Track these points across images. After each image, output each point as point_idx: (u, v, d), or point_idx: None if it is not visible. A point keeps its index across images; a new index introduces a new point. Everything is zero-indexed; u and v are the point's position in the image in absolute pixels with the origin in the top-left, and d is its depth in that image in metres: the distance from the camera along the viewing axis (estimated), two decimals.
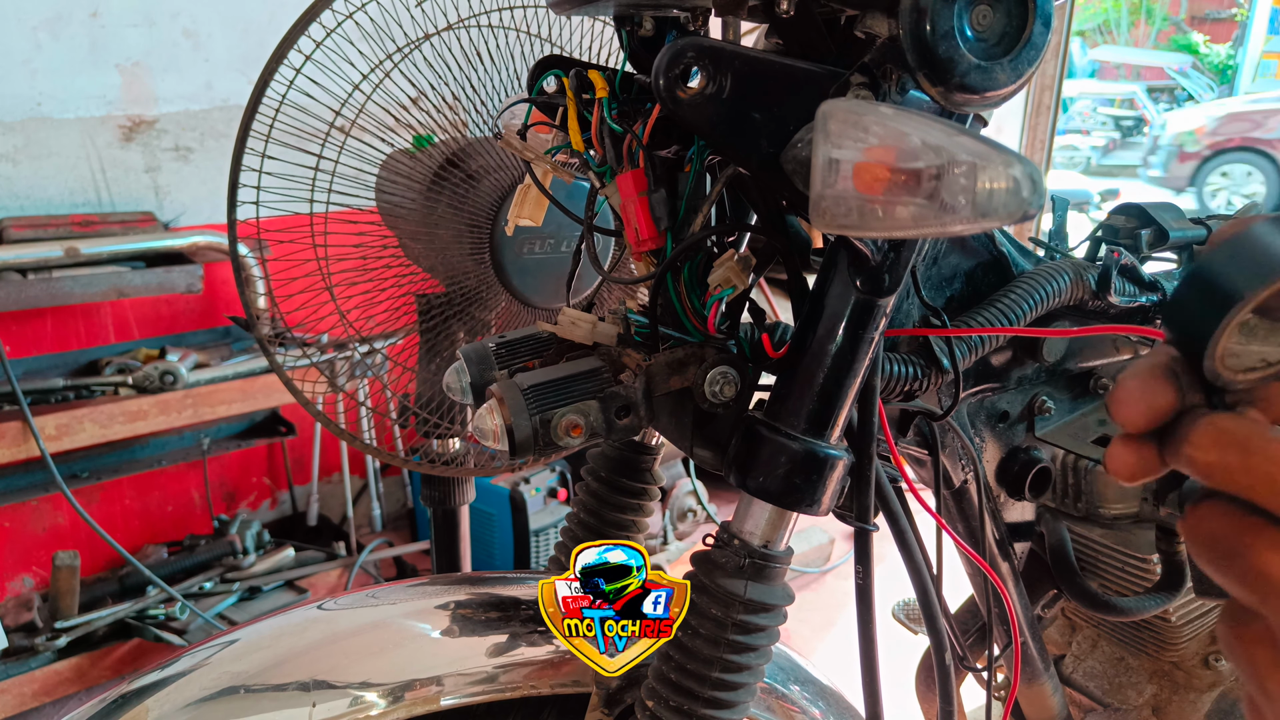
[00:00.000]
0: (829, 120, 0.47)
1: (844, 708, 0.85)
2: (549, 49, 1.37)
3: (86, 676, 2.08)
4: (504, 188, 1.31)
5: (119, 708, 0.68)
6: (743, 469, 0.62)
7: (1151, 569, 0.93)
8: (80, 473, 2.24)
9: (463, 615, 0.75)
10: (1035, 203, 0.41)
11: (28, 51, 2.14)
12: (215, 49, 2.38)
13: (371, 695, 0.67)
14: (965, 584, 0.96)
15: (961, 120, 0.55)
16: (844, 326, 0.59)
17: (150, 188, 2.37)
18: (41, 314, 2.22)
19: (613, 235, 0.74)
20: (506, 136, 0.72)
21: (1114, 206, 1.00)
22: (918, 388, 0.73)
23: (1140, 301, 0.85)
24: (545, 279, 1.35)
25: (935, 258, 0.78)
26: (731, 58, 0.54)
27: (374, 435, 2.60)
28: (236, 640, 0.74)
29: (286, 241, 1.31)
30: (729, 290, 0.63)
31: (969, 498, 0.85)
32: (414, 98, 1.31)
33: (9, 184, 2.17)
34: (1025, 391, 0.88)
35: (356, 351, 1.47)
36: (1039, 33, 0.51)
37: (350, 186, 1.32)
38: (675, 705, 0.64)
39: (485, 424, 0.62)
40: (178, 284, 2.19)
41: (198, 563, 2.34)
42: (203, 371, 2.23)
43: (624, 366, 0.66)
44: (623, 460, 0.80)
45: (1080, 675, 1.11)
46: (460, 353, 0.72)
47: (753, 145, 0.55)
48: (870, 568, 0.66)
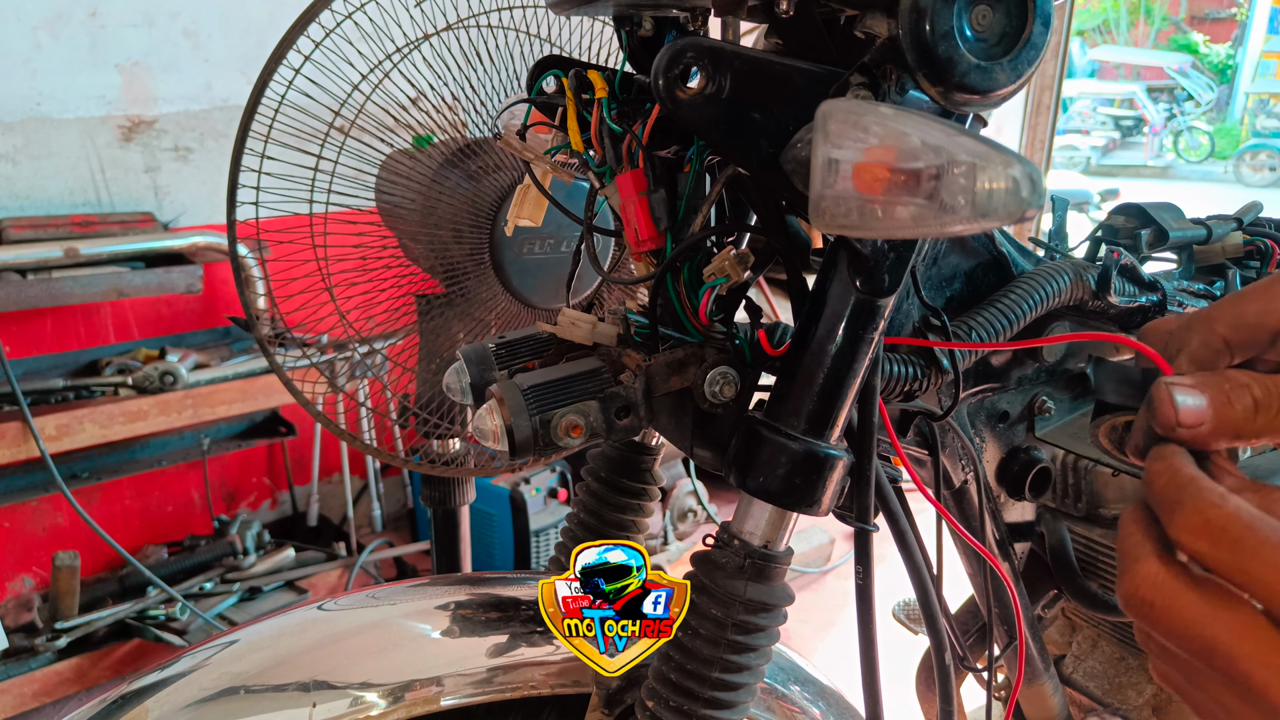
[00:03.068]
0: (829, 120, 0.47)
1: (844, 708, 0.85)
2: (548, 49, 1.37)
3: (86, 677, 2.08)
4: (504, 188, 1.31)
5: (119, 708, 0.68)
6: (743, 469, 0.62)
7: None
8: (80, 473, 2.24)
9: (463, 616, 0.75)
10: (1035, 203, 0.41)
11: (28, 51, 2.14)
12: (215, 49, 2.38)
13: (371, 695, 0.67)
14: (965, 584, 0.96)
15: (961, 120, 0.55)
16: (844, 326, 0.59)
17: (150, 188, 2.37)
18: (41, 314, 2.22)
19: (613, 235, 0.74)
20: (506, 137, 0.72)
21: (1114, 206, 1.00)
22: (918, 388, 0.73)
23: (1140, 302, 0.85)
24: (545, 279, 1.35)
25: (935, 258, 0.78)
26: (731, 58, 0.54)
27: (374, 435, 2.60)
28: (236, 641, 0.74)
29: (286, 242, 1.31)
30: (722, 279, 0.63)
31: (969, 498, 0.85)
32: (413, 98, 1.31)
33: (9, 184, 2.17)
34: (1025, 391, 0.88)
35: (356, 352, 1.47)
36: (1039, 33, 0.51)
37: (350, 187, 1.32)
38: (675, 705, 0.64)
39: (485, 424, 0.62)
40: (177, 284, 2.20)
41: (198, 563, 2.34)
42: (203, 372, 2.23)
43: (624, 367, 0.66)
44: (623, 460, 0.80)
45: (1080, 675, 1.11)
46: (460, 353, 0.72)
47: (753, 145, 0.55)
48: (870, 568, 0.66)
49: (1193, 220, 1.01)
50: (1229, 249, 1.00)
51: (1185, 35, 16.28)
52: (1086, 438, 0.89)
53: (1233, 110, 14.70)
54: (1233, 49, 15.39)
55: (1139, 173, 12.39)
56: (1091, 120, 13.47)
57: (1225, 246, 1.00)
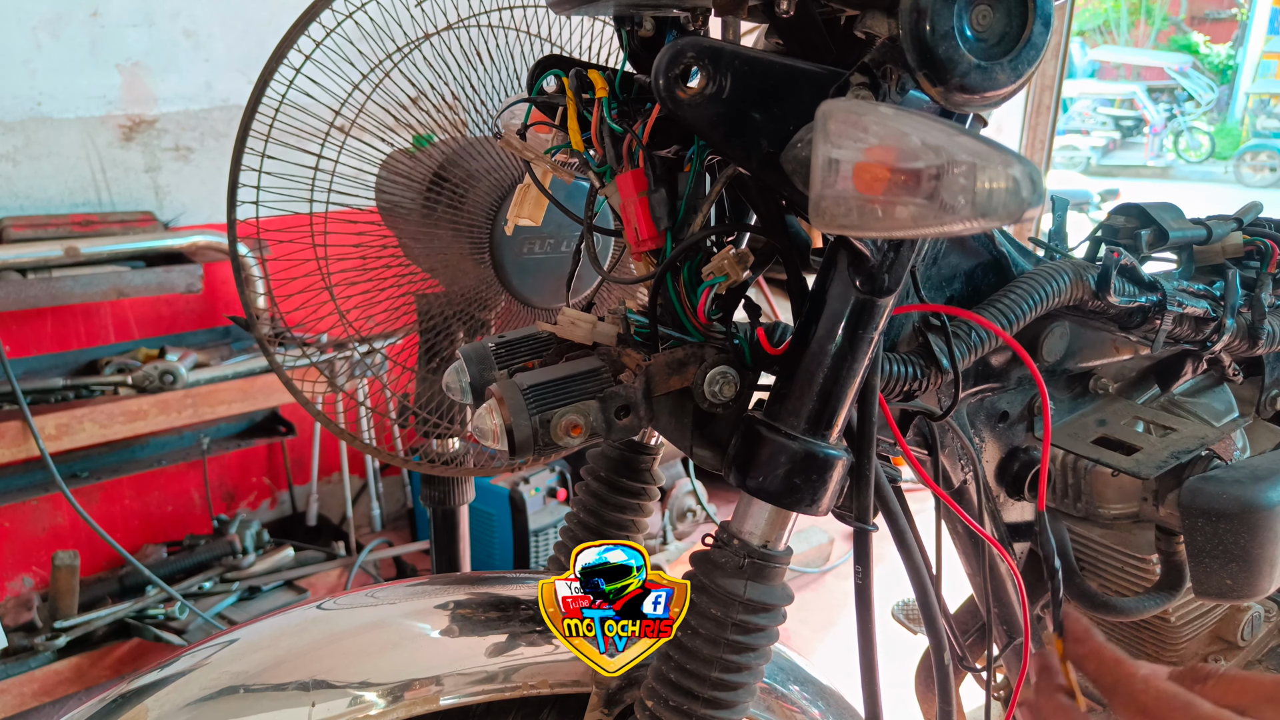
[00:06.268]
0: (829, 120, 0.47)
1: (844, 708, 0.85)
2: (549, 49, 1.37)
3: (86, 676, 2.08)
4: (504, 188, 1.31)
5: (119, 708, 0.68)
6: (742, 469, 0.62)
7: (1151, 569, 0.93)
8: (80, 473, 2.23)
9: (462, 615, 0.75)
10: (1035, 202, 0.41)
11: (28, 51, 2.14)
12: (215, 49, 2.38)
13: (371, 695, 0.67)
14: (965, 584, 0.96)
15: (961, 120, 0.55)
16: (844, 326, 0.59)
17: (150, 187, 2.37)
18: (41, 314, 2.22)
19: (613, 235, 0.74)
20: (506, 136, 0.72)
21: (1114, 206, 1.00)
22: (917, 388, 0.73)
23: (1140, 302, 0.85)
24: (545, 279, 1.35)
25: (935, 258, 0.78)
26: (731, 58, 0.54)
27: (373, 435, 2.60)
28: (236, 640, 0.73)
29: (286, 241, 1.31)
30: (721, 278, 0.63)
31: (969, 498, 0.85)
32: (413, 97, 1.31)
33: (9, 184, 2.17)
34: (1025, 391, 0.88)
35: (356, 351, 1.47)
36: (1039, 33, 0.51)
37: (350, 186, 1.32)
38: (675, 705, 0.64)
39: (485, 424, 0.62)
40: (177, 284, 2.19)
41: (197, 563, 2.34)
42: (202, 371, 2.23)
43: (624, 366, 0.66)
44: (622, 460, 0.80)
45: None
46: (460, 353, 0.72)
47: (753, 145, 0.55)
48: (870, 568, 0.66)
49: (1193, 220, 1.01)
50: (1229, 249, 1.00)
51: (1185, 35, 16.28)
52: (1086, 438, 0.89)
53: (1233, 111, 14.70)
54: (1233, 49, 15.38)
55: (1139, 173, 12.39)
56: (1091, 120, 13.46)
57: (1225, 247, 1.00)
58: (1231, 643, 1.06)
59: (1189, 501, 0.80)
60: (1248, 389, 1.07)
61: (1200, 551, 0.79)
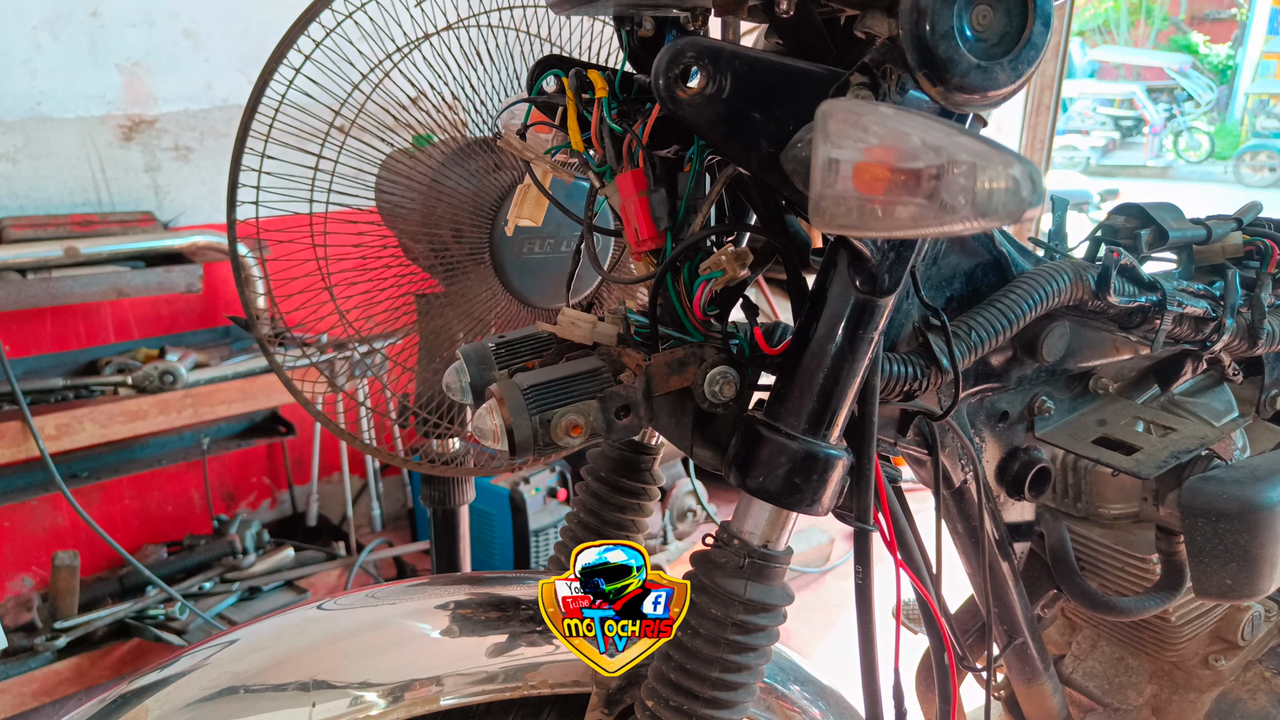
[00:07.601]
0: (829, 120, 0.47)
1: (844, 708, 0.85)
2: (549, 49, 1.37)
3: (86, 676, 2.08)
4: (504, 188, 1.31)
5: (119, 708, 0.68)
6: (742, 469, 0.62)
7: (1151, 569, 0.93)
8: (80, 473, 2.23)
9: (463, 615, 0.75)
10: (1034, 202, 0.41)
11: (28, 51, 2.14)
12: (215, 49, 2.38)
13: (371, 695, 0.67)
14: (965, 584, 0.96)
15: (961, 120, 0.55)
16: (844, 326, 0.59)
17: (150, 187, 2.37)
18: (41, 314, 2.22)
19: (613, 235, 0.74)
20: (506, 136, 0.72)
21: (1114, 206, 1.00)
22: (917, 388, 0.73)
23: (1140, 302, 0.85)
24: (545, 279, 1.35)
25: (935, 258, 0.78)
26: (731, 58, 0.54)
27: (374, 435, 2.60)
28: (236, 640, 0.74)
29: (286, 241, 1.30)
30: (718, 273, 0.63)
31: (969, 498, 0.85)
32: (413, 97, 1.31)
33: (9, 184, 2.17)
34: (1025, 391, 0.88)
35: (356, 351, 1.47)
36: (1039, 33, 0.51)
37: (350, 186, 1.32)
38: (675, 705, 0.64)
39: (485, 424, 0.62)
40: (177, 284, 2.19)
41: (197, 563, 2.34)
42: (202, 371, 2.23)
43: (624, 366, 0.66)
44: (623, 460, 0.80)
45: (1080, 675, 1.11)
46: (460, 353, 0.72)
47: (753, 145, 0.55)
48: (870, 568, 0.66)
49: (1192, 220, 1.00)
50: (1229, 249, 1.00)
51: (1185, 36, 16.28)
52: (1086, 438, 0.89)
53: (1233, 111, 14.70)
54: (1233, 49, 15.39)
55: (1139, 173, 12.39)
56: (1091, 120, 13.46)
57: (1225, 246, 1.00)
58: (1231, 642, 1.06)
59: (1189, 501, 0.80)
60: (1248, 389, 1.07)
61: (1200, 551, 0.79)
